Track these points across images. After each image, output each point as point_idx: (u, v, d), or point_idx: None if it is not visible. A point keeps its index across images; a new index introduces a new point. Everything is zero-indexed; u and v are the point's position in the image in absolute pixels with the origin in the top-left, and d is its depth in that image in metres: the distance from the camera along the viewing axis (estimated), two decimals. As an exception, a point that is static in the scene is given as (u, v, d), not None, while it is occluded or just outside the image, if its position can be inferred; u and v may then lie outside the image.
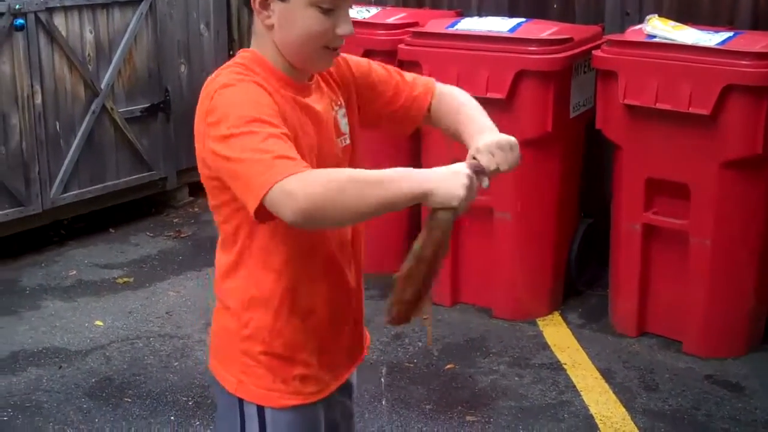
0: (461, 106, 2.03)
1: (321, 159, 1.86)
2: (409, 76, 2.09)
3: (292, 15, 1.79)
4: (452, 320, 4.51)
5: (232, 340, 1.93)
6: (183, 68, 6.02)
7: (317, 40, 1.82)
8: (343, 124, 1.97)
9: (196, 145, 1.83)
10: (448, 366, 4.08)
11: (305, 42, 1.82)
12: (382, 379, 3.93)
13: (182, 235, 5.66)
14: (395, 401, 3.79)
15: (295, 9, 1.79)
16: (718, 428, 3.58)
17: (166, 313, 4.60)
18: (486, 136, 1.87)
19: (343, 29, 1.83)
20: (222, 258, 1.93)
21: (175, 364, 4.12)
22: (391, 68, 2.09)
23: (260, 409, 1.92)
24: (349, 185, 1.63)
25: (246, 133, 1.68)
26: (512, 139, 1.86)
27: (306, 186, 1.62)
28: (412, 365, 4.08)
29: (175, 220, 5.94)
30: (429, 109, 2.07)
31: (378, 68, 2.07)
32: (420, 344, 4.26)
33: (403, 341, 4.28)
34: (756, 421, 3.63)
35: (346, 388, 2.10)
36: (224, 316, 1.95)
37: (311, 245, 1.88)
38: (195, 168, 1.91)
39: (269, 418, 1.92)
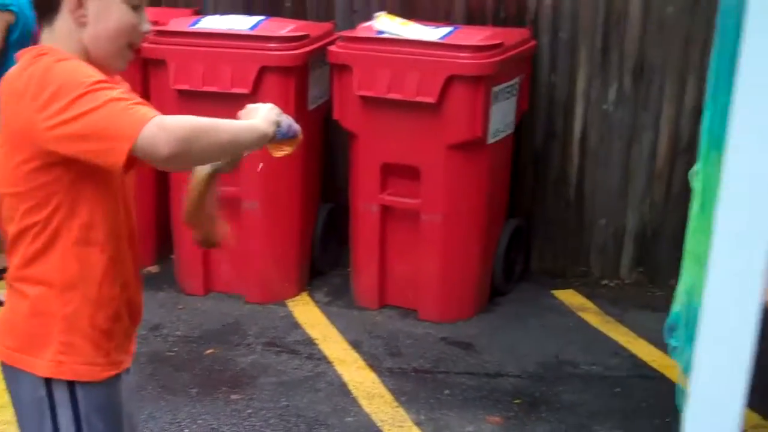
0: None
1: None
2: None
3: (107, 10, 1.94)
4: (207, 308, 4.67)
5: (49, 322, 1.99)
6: None
7: (126, 35, 1.98)
8: None
9: (6, 127, 1.91)
10: (209, 351, 4.24)
11: (117, 36, 1.97)
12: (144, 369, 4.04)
13: None
14: (161, 389, 3.91)
15: (110, 4, 1.94)
16: (455, 383, 4.00)
17: None
18: None
19: (146, 27, 2.02)
20: (25, 246, 1.98)
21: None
22: None
23: (72, 391, 2.00)
24: (204, 123, 1.89)
25: (98, 89, 1.81)
26: None
27: (178, 121, 1.82)
28: (173, 354, 4.21)
29: None
30: None
31: None
32: (179, 333, 4.40)
33: (162, 332, 4.40)
34: (487, 374, 4.09)
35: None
36: (35, 301, 2.00)
37: (120, 220, 2.03)
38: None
39: (81, 396, 2.01)
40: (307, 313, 4.66)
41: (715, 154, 2.51)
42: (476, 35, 4.34)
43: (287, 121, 2.10)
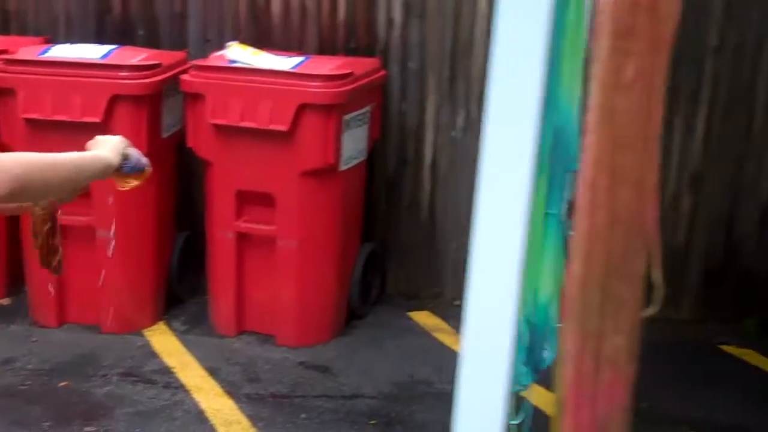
0: None
1: None
2: None
3: None
4: (61, 340, 4.59)
5: None
6: None
7: None
8: None
9: None
10: (63, 384, 4.18)
11: None
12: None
13: None
14: (12, 424, 3.83)
15: None
16: (312, 406, 4.06)
17: None
18: None
19: None
20: None
21: None
22: None
23: None
24: (42, 159, 1.90)
25: None
26: None
27: (12, 159, 1.84)
28: (26, 387, 4.13)
29: None
30: None
31: None
32: (31, 366, 4.31)
33: (14, 365, 4.31)
34: (344, 396, 4.17)
35: None
36: None
37: None
38: None
39: None
40: (164, 341, 4.64)
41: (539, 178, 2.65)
42: (327, 65, 4.44)
43: (136, 154, 2.15)
